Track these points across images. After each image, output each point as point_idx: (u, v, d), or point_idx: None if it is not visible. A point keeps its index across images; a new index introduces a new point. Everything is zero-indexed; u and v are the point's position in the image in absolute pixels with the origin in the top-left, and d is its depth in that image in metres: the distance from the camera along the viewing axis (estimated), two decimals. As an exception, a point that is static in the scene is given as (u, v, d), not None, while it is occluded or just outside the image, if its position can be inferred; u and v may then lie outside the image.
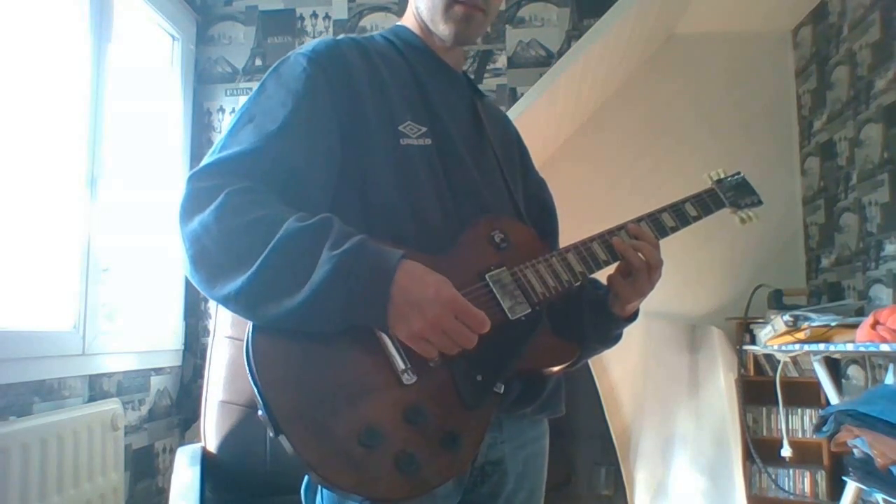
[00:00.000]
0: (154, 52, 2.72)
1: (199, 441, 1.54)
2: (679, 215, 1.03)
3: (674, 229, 1.01)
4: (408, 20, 1.03)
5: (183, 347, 2.74)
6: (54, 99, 2.03)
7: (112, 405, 2.08)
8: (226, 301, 0.73)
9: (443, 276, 0.75)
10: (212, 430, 1.52)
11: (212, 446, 1.51)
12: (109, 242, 2.21)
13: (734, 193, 1.12)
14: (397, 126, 0.88)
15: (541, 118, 2.87)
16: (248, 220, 0.73)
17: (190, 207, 0.76)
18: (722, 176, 1.14)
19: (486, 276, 0.84)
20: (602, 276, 0.97)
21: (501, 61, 2.84)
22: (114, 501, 2.02)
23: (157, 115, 2.69)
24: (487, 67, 2.82)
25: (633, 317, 0.99)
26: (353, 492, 0.67)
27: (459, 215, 0.89)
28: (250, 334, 0.72)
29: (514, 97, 2.78)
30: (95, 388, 2.13)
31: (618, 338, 1.02)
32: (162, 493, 2.50)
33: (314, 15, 2.94)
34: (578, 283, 0.91)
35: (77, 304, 2.05)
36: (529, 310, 0.85)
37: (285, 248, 0.71)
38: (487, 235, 0.88)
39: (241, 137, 0.81)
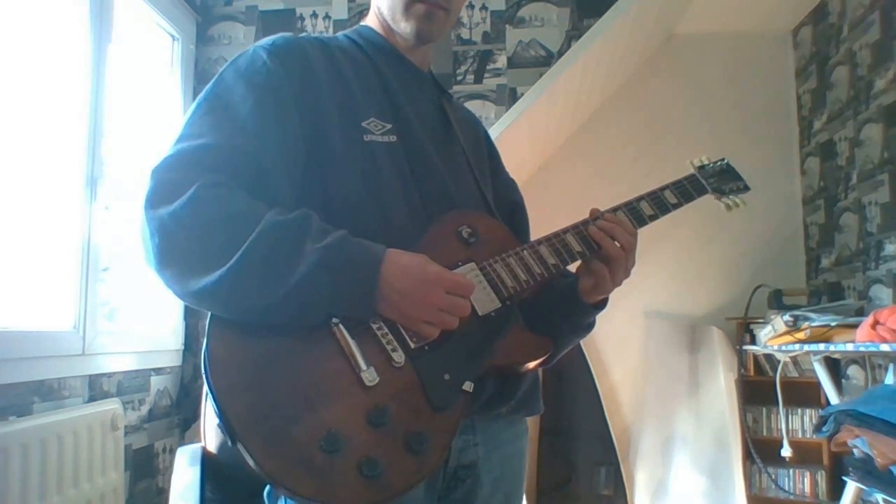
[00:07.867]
0: (154, 52, 2.72)
1: (199, 441, 1.54)
2: (658, 203, 0.99)
3: (653, 217, 0.97)
4: (371, 20, 1.01)
5: (183, 347, 2.73)
6: (54, 99, 2.02)
7: (112, 405, 2.08)
8: (199, 295, 0.70)
9: (421, 254, 0.76)
10: (212, 430, 1.51)
11: (212, 446, 1.51)
12: (109, 242, 2.21)
13: (717, 179, 1.08)
14: (360, 122, 0.86)
15: (541, 118, 2.87)
16: (224, 213, 0.72)
17: (156, 199, 0.73)
18: (705, 162, 1.11)
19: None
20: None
21: (501, 61, 2.83)
22: (114, 501, 2.02)
23: (156, 116, 2.69)
24: (487, 67, 2.82)
25: (603, 304, 0.96)
26: (314, 499, 0.65)
27: (427, 211, 0.87)
28: (206, 340, 0.70)
29: (514, 97, 2.78)
30: (95, 388, 2.13)
31: (590, 326, 0.98)
32: (162, 493, 2.49)
33: (314, 15, 2.93)
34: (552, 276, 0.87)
35: (77, 303, 2.05)
36: (499, 305, 0.82)
37: (267, 241, 0.70)
38: (455, 231, 0.86)
39: (200, 129, 0.79)
